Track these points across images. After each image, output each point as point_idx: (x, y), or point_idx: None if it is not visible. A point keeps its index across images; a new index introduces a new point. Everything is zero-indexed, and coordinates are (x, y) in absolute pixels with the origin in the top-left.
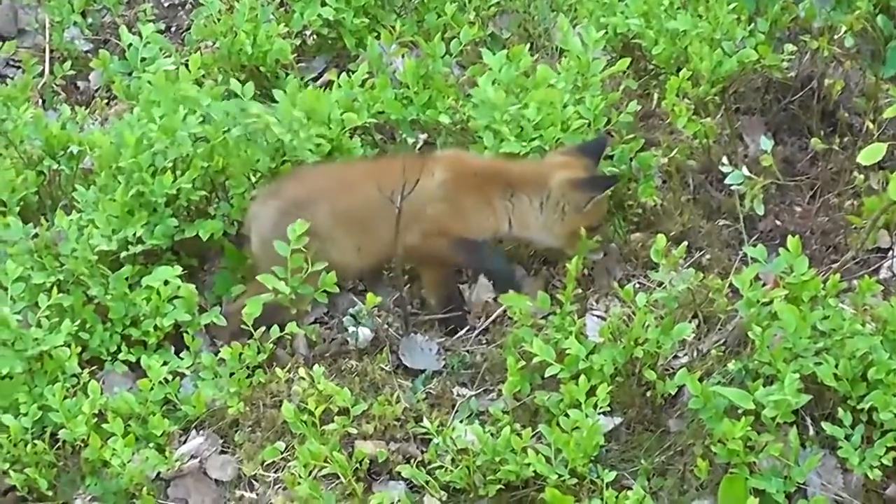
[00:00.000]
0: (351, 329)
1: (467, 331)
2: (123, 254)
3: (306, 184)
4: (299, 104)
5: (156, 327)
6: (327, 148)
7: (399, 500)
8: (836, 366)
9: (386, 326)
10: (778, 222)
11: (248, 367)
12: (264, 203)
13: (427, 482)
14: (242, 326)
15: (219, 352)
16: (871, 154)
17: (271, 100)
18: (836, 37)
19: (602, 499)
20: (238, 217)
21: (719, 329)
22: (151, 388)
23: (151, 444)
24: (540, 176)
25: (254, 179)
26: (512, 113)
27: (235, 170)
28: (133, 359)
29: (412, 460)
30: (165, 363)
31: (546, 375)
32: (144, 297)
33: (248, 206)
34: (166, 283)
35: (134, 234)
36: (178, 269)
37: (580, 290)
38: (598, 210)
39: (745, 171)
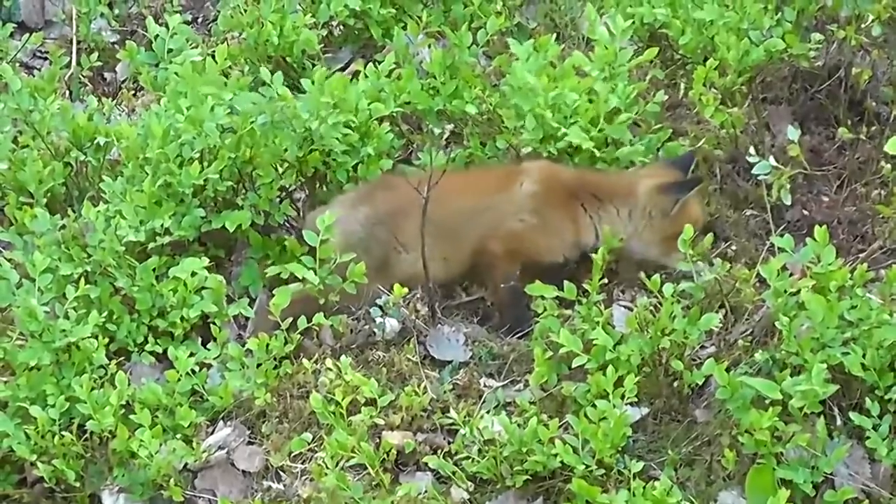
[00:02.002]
0: (378, 320)
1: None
2: (151, 245)
3: (399, 193)
4: (327, 92)
5: (182, 318)
6: (353, 137)
7: (426, 491)
8: (864, 356)
9: (413, 317)
10: (805, 212)
11: (275, 358)
12: (354, 208)
13: (454, 473)
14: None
15: (245, 343)
16: None
17: (298, 91)
18: (863, 26)
19: (629, 489)
20: (265, 207)
21: (746, 319)
22: (179, 379)
23: (179, 436)
24: (628, 185)
25: (281, 170)
26: (552, 97)
27: (263, 160)
28: (160, 350)
29: (439, 451)
30: (192, 354)
31: (573, 366)
32: (171, 289)
33: (328, 206)
34: (193, 274)
35: (162, 226)
36: (205, 261)
37: (606, 281)
38: (688, 214)
39: (772, 160)
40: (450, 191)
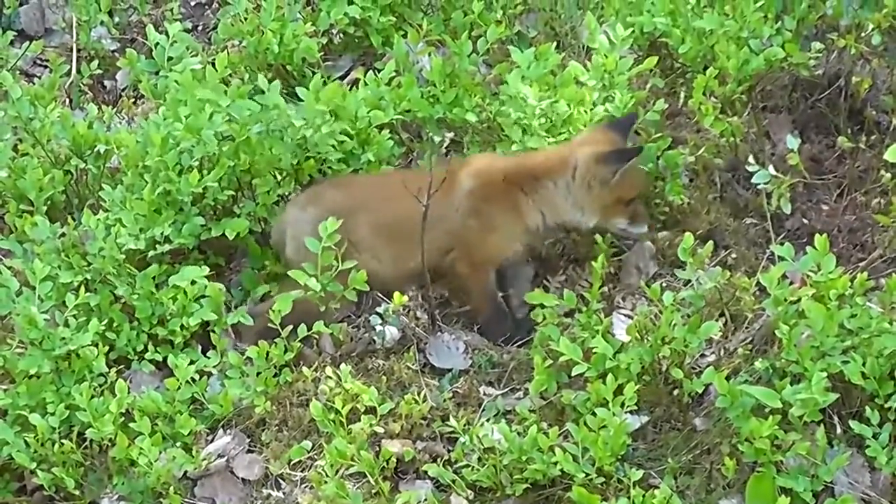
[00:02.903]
0: (378, 328)
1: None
2: (151, 253)
3: (347, 193)
4: (323, 100)
5: (182, 326)
6: (350, 145)
7: (425, 499)
8: (864, 364)
9: (413, 325)
10: (805, 220)
11: (274, 367)
12: (303, 209)
13: (453, 481)
14: (269, 326)
15: (245, 351)
16: None
17: (298, 99)
18: (863, 35)
19: (629, 497)
20: (264, 215)
21: (746, 327)
22: (178, 388)
23: (178, 444)
24: (562, 158)
25: (279, 178)
26: (543, 108)
27: (260, 168)
28: (160, 358)
29: (439, 459)
30: (192, 362)
31: (573, 374)
32: (171, 297)
33: (284, 209)
34: (193, 282)
35: (161, 234)
36: (206, 270)
37: (606, 289)
38: (629, 182)
39: (771, 169)
40: (397, 191)
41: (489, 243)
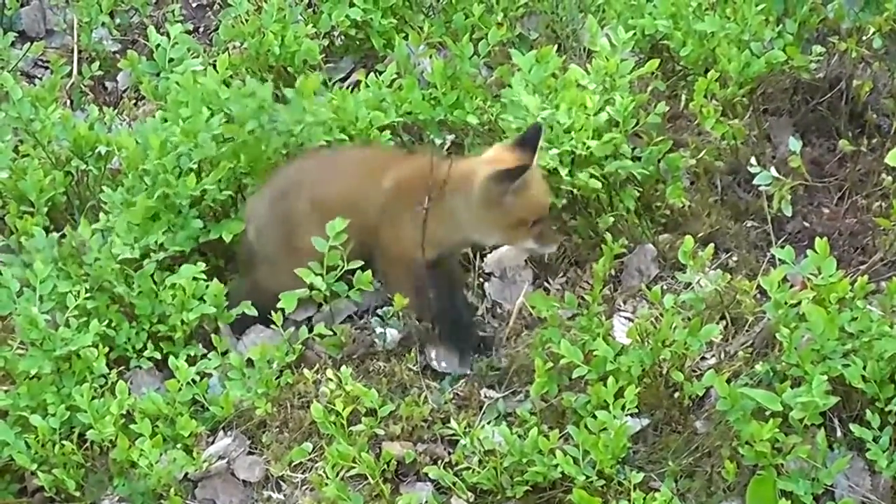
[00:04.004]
0: (378, 330)
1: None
2: (147, 261)
3: (292, 171)
4: (327, 103)
5: (182, 322)
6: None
7: (426, 502)
8: (864, 367)
9: (415, 327)
10: (806, 224)
11: (275, 368)
12: (260, 194)
13: (454, 483)
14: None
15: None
16: None
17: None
18: (864, 38)
19: (630, 500)
20: None
21: (747, 331)
22: (179, 389)
23: (179, 445)
24: (465, 173)
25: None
26: (544, 117)
27: (257, 167)
28: (159, 356)
29: (439, 461)
30: (193, 361)
31: (574, 377)
32: (171, 293)
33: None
34: (194, 279)
35: (156, 242)
36: (203, 266)
37: (607, 291)
38: (529, 203)
39: (773, 172)
40: (340, 168)
41: (398, 243)
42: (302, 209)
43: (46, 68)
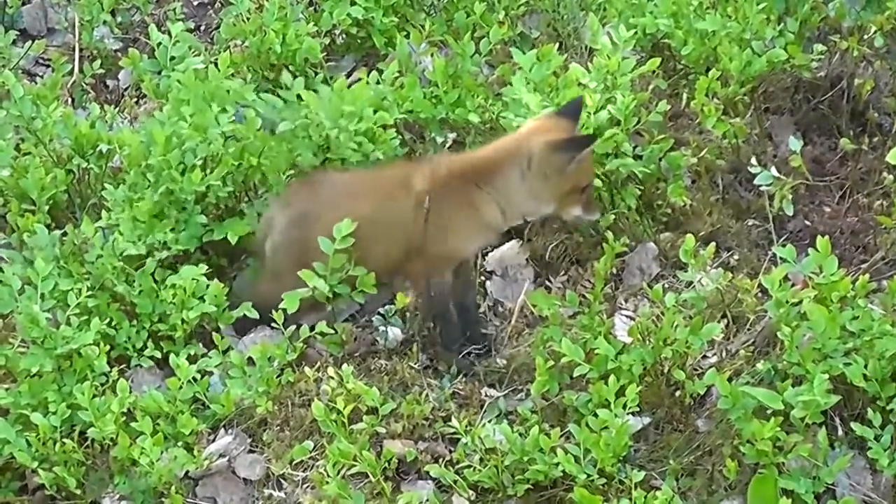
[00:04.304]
0: (380, 329)
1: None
2: (150, 260)
3: (314, 194)
4: (347, 100)
5: (183, 321)
6: (369, 147)
7: (427, 500)
8: (866, 366)
9: (417, 325)
10: (807, 222)
11: (277, 366)
12: (280, 211)
13: (455, 482)
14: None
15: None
16: None
17: (300, 98)
18: (865, 37)
19: (631, 499)
20: None
21: (748, 329)
22: (180, 387)
23: (180, 443)
24: (515, 147)
25: (292, 173)
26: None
27: (275, 165)
28: (160, 355)
29: (440, 460)
30: (194, 360)
31: (575, 375)
32: (171, 293)
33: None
34: (195, 279)
35: (160, 241)
36: (204, 268)
37: (609, 290)
38: (583, 170)
39: (774, 171)
40: (360, 192)
41: (447, 243)
42: (325, 234)
43: (48, 66)
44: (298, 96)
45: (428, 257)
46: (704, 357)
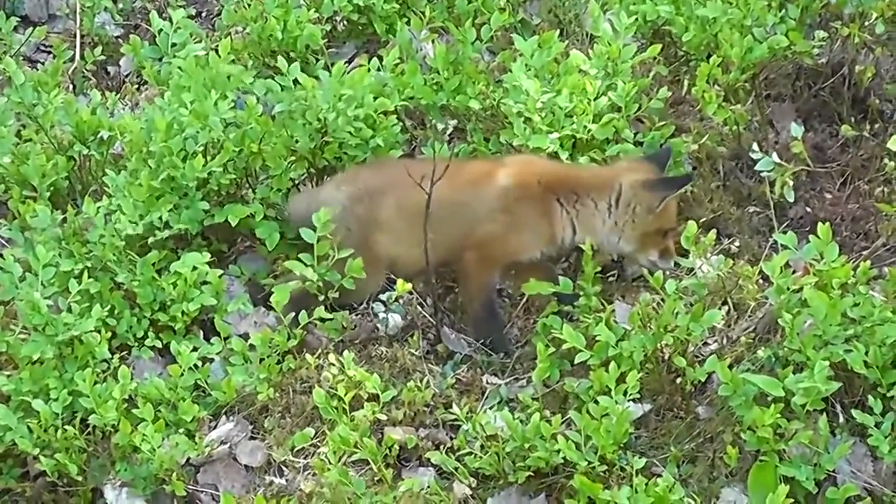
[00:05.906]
0: (381, 315)
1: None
2: (151, 239)
3: (380, 174)
4: (346, 84)
5: (183, 312)
6: (367, 132)
7: (428, 487)
8: (867, 353)
9: (419, 311)
10: (808, 209)
11: (278, 353)
12: (337, 189)
13: (456, 468)
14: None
15: (247, 335)
16: None
17: (296, 83)
18: (867, 23)
19: (632, 485)
20: (277, 200)
21: (749, 316)
22: (181, 374)
23: (181, 430)
24: (607, 178)
25: (293, 159)
26: (544, 101)
27: (275, 150)
28: (160, 344)
29: (441, 447)
30: (195, 349)
31: (576, 362)
32: (172, 282)
33: (317, 193)
34: (194, 268)
35: (160, 219)
36: (207, 256)
37: (609, 278)
38: (669, 213)
39: (775, 157)
40: (419, 177)
41: (508, 242)
42: (385, 215)
43: (49, 53)
44: (295, 80)
45: (484, 251)
46: (705, 344)
